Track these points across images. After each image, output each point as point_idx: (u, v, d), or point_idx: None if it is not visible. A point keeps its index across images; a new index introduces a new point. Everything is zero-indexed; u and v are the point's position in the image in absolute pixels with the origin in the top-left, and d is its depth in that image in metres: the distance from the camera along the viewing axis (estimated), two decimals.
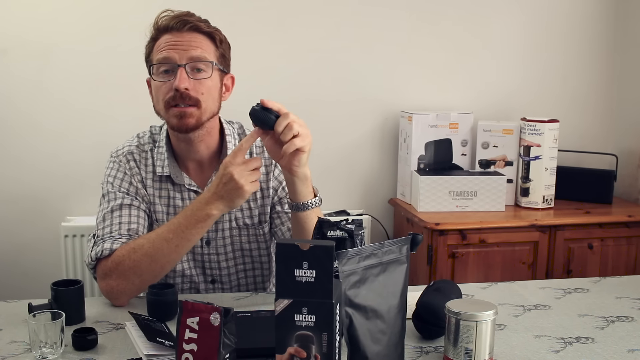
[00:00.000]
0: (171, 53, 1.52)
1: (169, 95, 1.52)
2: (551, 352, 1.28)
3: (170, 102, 1.52)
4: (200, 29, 1.55)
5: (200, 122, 1.55)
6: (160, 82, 1.54)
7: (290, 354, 1.00)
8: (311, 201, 1.46)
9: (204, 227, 1.46)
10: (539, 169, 2.55)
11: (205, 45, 1.55)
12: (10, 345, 1.29)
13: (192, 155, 1.63)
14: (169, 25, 1.54)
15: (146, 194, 1.63)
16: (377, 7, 2.66)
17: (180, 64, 1.51)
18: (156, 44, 1.56)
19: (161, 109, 1.55)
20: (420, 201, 2.48)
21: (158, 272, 1.48)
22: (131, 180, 1.62)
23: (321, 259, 0.97)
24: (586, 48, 2.85)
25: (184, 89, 1.50)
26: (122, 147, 1.67)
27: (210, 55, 1.55)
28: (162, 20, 1.55)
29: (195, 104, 1.53)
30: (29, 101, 2.49)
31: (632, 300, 1.56)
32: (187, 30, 1.54)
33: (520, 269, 2.43)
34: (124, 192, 1.60)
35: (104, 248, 1.50)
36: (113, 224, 1.55)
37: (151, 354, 1.23)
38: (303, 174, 1.43)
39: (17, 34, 2.45)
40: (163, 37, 1.54)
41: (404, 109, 2.68)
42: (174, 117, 1.53)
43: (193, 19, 1.55)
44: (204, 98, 1.54)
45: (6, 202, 2.53)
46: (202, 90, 1.53)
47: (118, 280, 1.48)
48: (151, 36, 1.58)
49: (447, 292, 1.36)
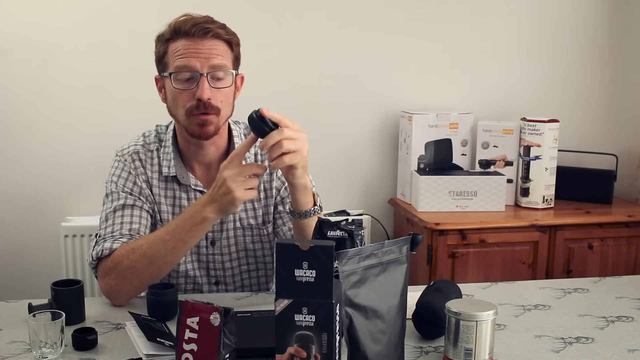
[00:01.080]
0: (192, 61, 1.50)
1: (191, 104, 1.52)
2: (551, 352, 1.28)
3: (192, 110, 1.52)
4: (220, 36, 1.54)
5: (218, 128, 1.56)
6: (181, 89, 1.53)
7: (290, 354, 1.00)
8: (311, 209, 1.46)
9: (200, 230, 1.45)
10: (539, 169, 2.55)
11: (225, 52, 1.55)
12: (10, 345, 1.29)
13: (201, 158, 1.63)
14: (189, 30, 1.51)
15: (150, 194, 1.63)
16: (377, 8, 2.66)
17: (202, 72, 1.50)
18: (172, 47, 1.53)
19: (181, 114, 1.55)
20: (420, 201, 2.48)
21: (155, 273, 1.48)
22: (135, 180, 1.62)
23: (321, 259, 0.97)
24: (586, 48, 2.85)
25: (207, 99, 1.50)
26: (128, 146, 1.67)
27: (229, 62, 1.55)
28: (181, 23, 1.52)
29: (215, 113, 1.53)
30: (29, 102, 2.49)
31: (632, 300, 1.57)
32: (209, 38, 1.52)
33: (520, 269, 2.43)
34: (127, 192, 1.60)
35: (104, 247, 1.51)
36: (115, 224, 1.56)
37: (151, 354, 1.23)
38: (301, 185, 1.42)
39: (17, 34, 2.45)
40: (180, 41, 1.52)
41: (404, 109, 2.68)
42: (196, 125, 1.53)
43: (214, 26, 1.53)
44: (222, 105, 1.54)
45: (6, 202, 2.53)
46: (221, 98, 1.54)
47: (117, 280, 1.48)
48: (165, 36, 1.55)
49: (447, 292, 1.36)
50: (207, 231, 1.48)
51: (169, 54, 1.54)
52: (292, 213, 1.47)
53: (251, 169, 1.40)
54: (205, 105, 1.51)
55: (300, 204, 1.45)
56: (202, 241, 1.65)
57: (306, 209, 1.45)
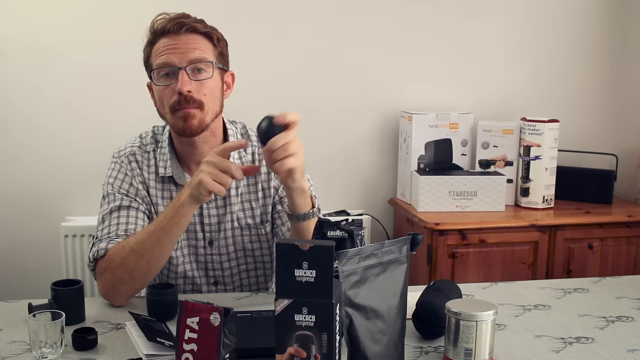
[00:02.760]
0: (170, 57, 1.52)
1: (173, 99, 1.52)
2: (551, 352, 1.28)
3: (175, 106, 1.53)
4: (197, 29, 1.55)
5: (204, 123, 1.55)
6: (163, 86, 1.54)
7: (290, 354, 1.00)
8: (309, 212, 1.46)
9: (180, 217, 1.42)
10: (539, 169, 2.55)
11: (204, 45, 1.55)
12: (10, 345, 1.29)
13: (196, 157, 1.62)
14: (165, 28, 1.53)
15: (147, 195, 1.63)
16: (377, 8, 2.66)
17: (181, 66, 1.51)
18: (154, 48, 1.56)
19: (167, 112, 1.56)
20: (420, 201, 2.48)
21: (145, 267, 1.46)
22: (132, 181, 1.62)
23: (321, 259, 0.97)
24: (586, 48, 2.85)
25: (187, 92, 1.51)
26: (125, 147, 1.67)
27: (209, 55, 1.55)
28: (158, 23, 1.55)
29: (198, 106, 1.53)
30: (28, 102, 2.49)
31: (632, 300, 1.56)
32: (185, 32, 1.53)
33: (520, 269, 2.43)
34: (123, 193, 1.60)
35: (100, 248, 1.51)
36: (111, 225, 1.56)
37: (151, 354, 1.23)
38: (299, 188, 1.41)
39: (17, 35, 2.45)
40: (161, 41, 1.54)
41: (404, 109, 2.68)
42: (179, 119, 1.53)
43: (189, 20, 1.55)
44: (206, 99, 1.54)
45: (6, 202, 2.53)
46: (205, 91, 1.54)
47: (111, 279, 1.48)
48: (148, 40, 1.58)
49: (447, 292, 1.36)
50: (189, 220, 1.46)
51: (152, 55, 1.56)
52: (290, 216, 1.47)
53: (229, 165, 1.36)
54: (186, 99, 1.51)
55: (298, 207, 1.44)
56: (200, 241, 1.65)
57: (304, 211, 1.45)
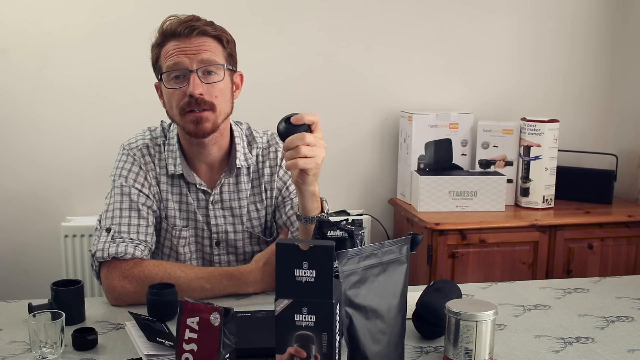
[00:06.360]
0: (181, 59, 1.52)
1: (184, 101, 1.52)
2: (551, 352, 1.28)
3: (185, 108, 1.53)
4: (207, 33, 1.55)
5: (216, 125, 1.56)
6: (173, 89, 1.54)
7: (290, 354, 1.00)
8: (317, 216, 1.46)
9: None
10: (539, 169, 2.54)
11: (214, 47, 1.55)
12: (10, 345, 1.29)
13: (204, 158, 1.63)
14: (176, 31, 1.53)
15: (158, 192, 1.63)
16: (378, 8, 2.66)
17: (192, 69, 1.51)
18: (164, 50, 1.55)
19: (176, 115, 1.56)
20: (420, 201, 2.48)
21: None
22: (146, 175, 1.62)
23: (321, 259, 0.97)
24: (586, 48, 2.85)
25: (198, 95, 1.51)
26: (135, 140, 1.66)
27: (219, 57, 1.55)
28: (168, 25, 1.54)
29: (210, 108, 1.53)
30: (28, 101, 2.49)
31: (632, 300, 1.56)
32: (195, 36, 1.53)
33: (520, 269, 2.43)
34: (138, 188, 1.59)
35: (126, 252, 1.51)
36: (131, 225, 1.56)
37: (151, 354, 1.23)
38: (310, 192, 1.42)
39: (18, 31, 2.44)
40: (170, 43, 1.54)
41: (404, 109, 2.68)
42: (190, 122, 1.53)
43: (199, 24, 1.54)
44: (218, 101, 1.54)
45: (6, 201, 2.53)
46: (216, 93, 1.54)
47: (138, 289, 1.48)
48: (156, 41, 1.57)
49: (447, 292, 1.36)
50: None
51: (161, 57, 1.56)
52: (298, 217, 1.48)
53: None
54: (197, 102, 1.51)
55: (307, 210, 1.45)
56: (206, 241, 1.66)
57: (312, 215, 1.46)
